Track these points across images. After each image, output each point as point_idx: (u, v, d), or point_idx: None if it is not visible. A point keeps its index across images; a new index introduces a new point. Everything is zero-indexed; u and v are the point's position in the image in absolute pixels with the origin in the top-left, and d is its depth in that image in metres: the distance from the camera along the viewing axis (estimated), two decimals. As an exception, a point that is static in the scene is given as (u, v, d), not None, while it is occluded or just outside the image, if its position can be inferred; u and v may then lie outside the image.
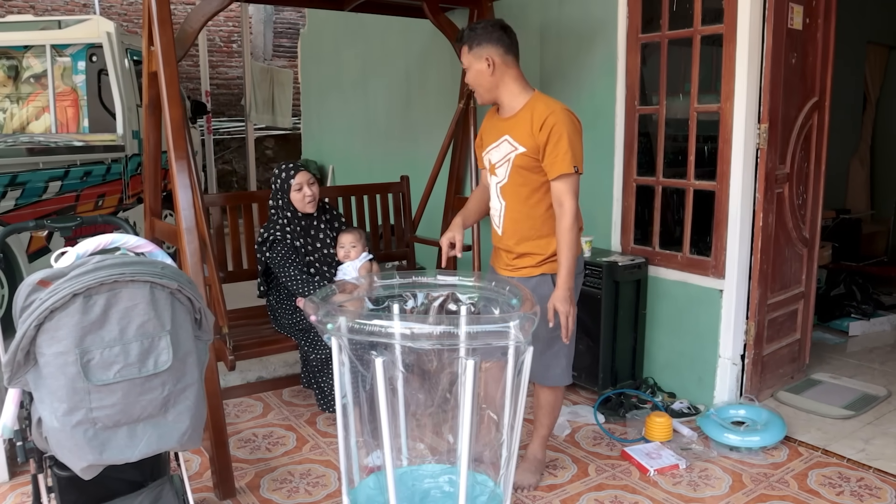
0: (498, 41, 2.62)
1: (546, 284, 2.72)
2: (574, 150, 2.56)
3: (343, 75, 6.99)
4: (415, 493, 2.60)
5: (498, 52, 2.62)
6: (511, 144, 2.67)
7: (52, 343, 1.79)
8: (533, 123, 2.59)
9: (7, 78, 6.18)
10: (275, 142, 11.40)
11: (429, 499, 2.59)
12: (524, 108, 2.64)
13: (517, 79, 2.68)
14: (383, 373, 2.05)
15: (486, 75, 2.64)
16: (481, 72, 2.64)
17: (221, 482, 2.85)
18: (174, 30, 3.02)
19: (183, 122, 2.95)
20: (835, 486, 2.94)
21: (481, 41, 2.62)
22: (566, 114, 2.60)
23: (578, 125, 2.65)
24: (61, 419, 1.82)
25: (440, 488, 2.60)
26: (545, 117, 2.56)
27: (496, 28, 2.65)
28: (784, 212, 3.66)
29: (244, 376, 4.05)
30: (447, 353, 2.17)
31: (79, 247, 2.05)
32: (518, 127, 2.64)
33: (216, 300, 3.15)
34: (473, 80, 2.70)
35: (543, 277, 2.74)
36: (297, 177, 3.44)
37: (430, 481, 2.65)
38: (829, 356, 4.41)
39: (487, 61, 2.62)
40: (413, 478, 2.66)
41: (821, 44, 3.74)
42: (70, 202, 5.34)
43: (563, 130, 2.55)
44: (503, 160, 2.71)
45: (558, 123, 2.54)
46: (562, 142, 2.55)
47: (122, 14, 10.60)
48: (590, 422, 3.54)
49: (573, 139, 2.57)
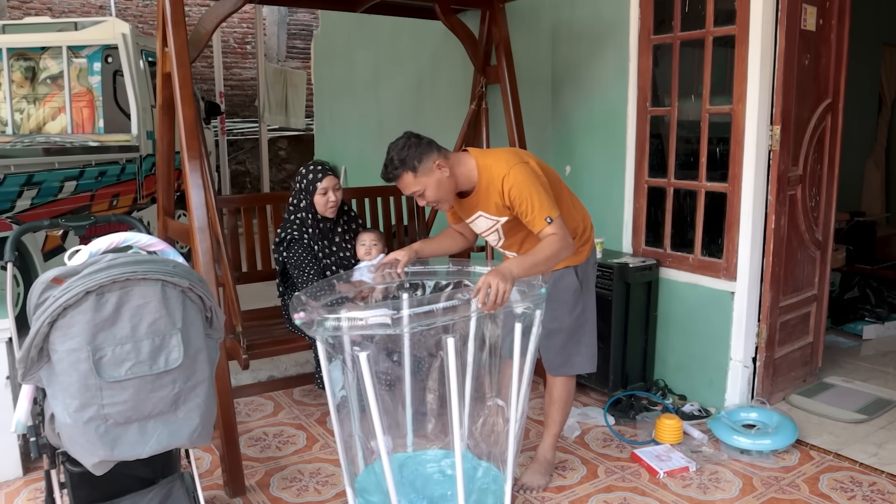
0: (426, 147, 2.54)
1: (569, 276, 2.80)
2: (540, 202, 2.49)
3: (356, 76, 7.01)
4: (417, 477, 2.64)
5: (432, 155, 2.54)
6: (489, 219, 2.67)
7: (65, 340, 1.82)
8: (498, 195, 2.55)
9: (24, 79, 6.24)
10: (288, 143, 11.45)
11: (431, 482, 2.63)
12: (480, 179, 2.59)
13: (455, 161, 2.61)
14: (369, 366, 2.11)
15: (446, 179, 2.56)
16: (440, 180, 2.55)
17: (231, 480, 2.87)
18: (188, 31, 3.04)
19: (196, 123, 2.97)
20: (847, 490, 2.92)
21: (418, 158, 2.52)
22: (515, 169, 2.52)
23: (531, 167, 2.57)
24: (73, 415, 1.84)
25: (442, 472, 2.64)
26: (503, 188, 2.52)
27: (413, 141, 2.55)
28: (797, 214, 3.64)
29: (255, 375, 4.07)
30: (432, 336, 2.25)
31: (92, 245, 2.07)
32: (485, 201, 2.62)
33: (230, 300, 3.17)
34: (438, 194, 2.58)
35: (567, 270, 2.80)
36: (324, 181, 3.38)
37: (432, 465, 2.69)
38: (842, 360, 4.38)
39: (438, 169, 2.55)
40: (416, 462, 2.71)
41: (834, 45, 3.72)
42: (85, 202, 5.39)
43: (521, 190, 2.49)
44: (490, 230, 2.74)
45: (514, 186, 2.50)
46: (525, 202, 2.50)
47: (136, 16, 10.68)
48: (600, 423, 3.54)
49: (532, 191, 2.49)
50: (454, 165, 2.59)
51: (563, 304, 2.83)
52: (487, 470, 2.63)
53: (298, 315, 2.20)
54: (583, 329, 2.90)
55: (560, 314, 2.84)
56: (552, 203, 2.53)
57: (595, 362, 2.96)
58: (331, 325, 2.14)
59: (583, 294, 2.86)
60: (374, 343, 2.27)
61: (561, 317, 2.84)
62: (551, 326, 2.82)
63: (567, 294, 2.83)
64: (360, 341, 2.22)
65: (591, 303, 2.93)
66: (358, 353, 2.13)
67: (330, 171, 3.46)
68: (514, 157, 2.60)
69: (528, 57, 4.47)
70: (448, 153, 2.61)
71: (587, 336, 2.92)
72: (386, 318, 2.08)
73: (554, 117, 4.45)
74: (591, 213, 3.42)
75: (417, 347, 2.57)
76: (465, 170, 2.61)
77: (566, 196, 2.80)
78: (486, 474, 2.62)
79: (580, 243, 2.80)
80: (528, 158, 2.65)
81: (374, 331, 2.12)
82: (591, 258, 2.91)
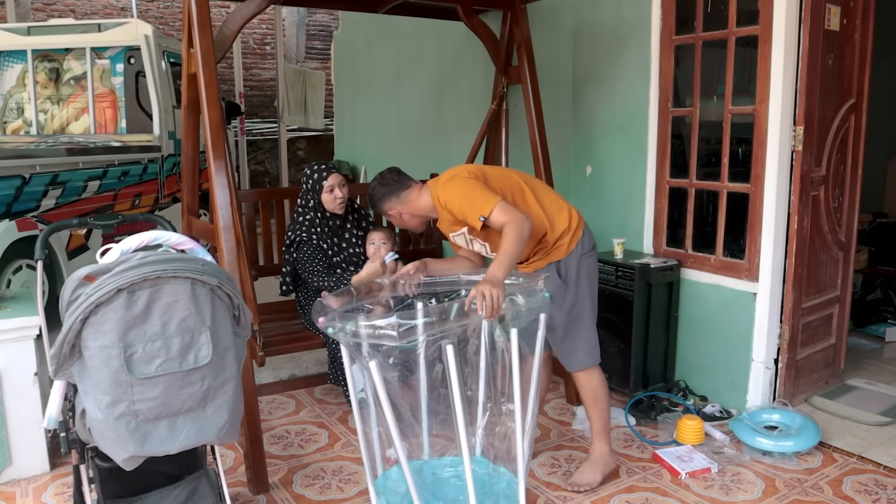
0: (386, 196, 2.88)
1: (551, 272, 2.85)
2: (469, 205, 2.67)
3: (376, 76, 7.04)
4: (433, 483, 2.66)
5: (392, 201, 2.88)
6: (458, 234, 2.90)
7: (96, 337, 1.85)
8: (445, 212, 2.81)
9: (48, 80, 6.32)
10: (307, 143, 11.51)
11: (447, 486, 2.65)
12: (437, 206, 2.84)
13: (418, 195, 2.88)
14: (379, 374, 2.15)
15: (405, 220, 2.93)
16: (401, 221, 2.95)
17: (255, 477, 2.90)
18: (213, 32, 3.07)
19: (221, 123, 3.00)
20: (871, 493, 2.91)
21: (379, 204, 2.90)
22: (445, 186, 2.78)
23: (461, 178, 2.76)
24: (104, 411, 1.87)
25: (458, 476, 2.66)
26: (441, 205, 2.79)
27: (378, 186, 2.90)
28: (819, 215, 3.62)
29: (277, 374, 4.10)
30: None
31: (123, 243, 2.10)
32: (444, 221, 2.89)
33: (248, 298, 3.19)
34: (401, 227, 3.02)
35: (549, 266, 2.87)
36: (329, 178, 3.48)
37: (449, 470, 2.71)
38: (865, 362, 4.34)
39: (395, 213, 2.90)
40: (433, 468, 2.72)
41: (858, 45, 3.69)
42: (108, 201, 5.45)
43: (451, 201, 2.74)
44: (469, 243, 2.93)
45: (447, 201, 2.75)
46: (458, 211, 2.72)
47: (158, 17, 10.78)
48: (621, 424, 3.53)
49: (460, 198, 2.70)
50: (413, 202, 2.88)
51: (553, 302, 2.83)
52: (502, 474, 2.64)
53: (320, 321, 2.26)
54: (577, 324, 2.90)
55: (553, 311, 2.84)
56: (485, 199, 2.64)
57: (596, 355, 2.95)
58: (349, 330, 2.20)
59: (570, 288, 2.86)
60: (382, 351, 2.29)
61: (554, 314, 2.84)
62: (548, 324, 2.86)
63: (553, 291, 2.80)
64: (374, 348, 2.25)
65: (583, 297, 2.90)
66: (368, 361, 2.18)
67: (333, 168, 3.55)
68: (447, 174, 2.85)
69: (549, 57, 4.47)
70: (408, 193, 2.88)
71: (583, 330, 2.91)
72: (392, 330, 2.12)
73: (575, 118, 4.45)
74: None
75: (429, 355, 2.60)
76: (424, 202, 2.88)
77: (528, 194, 2.84)
78: (500, 479, 2.63)
79: (556, 237, 2.83)
80: (462, 170, 2.84)
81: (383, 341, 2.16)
82: (578, 250, 2.87)
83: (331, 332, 2.24)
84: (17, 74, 6.34)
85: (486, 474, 2.65)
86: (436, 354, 2.41)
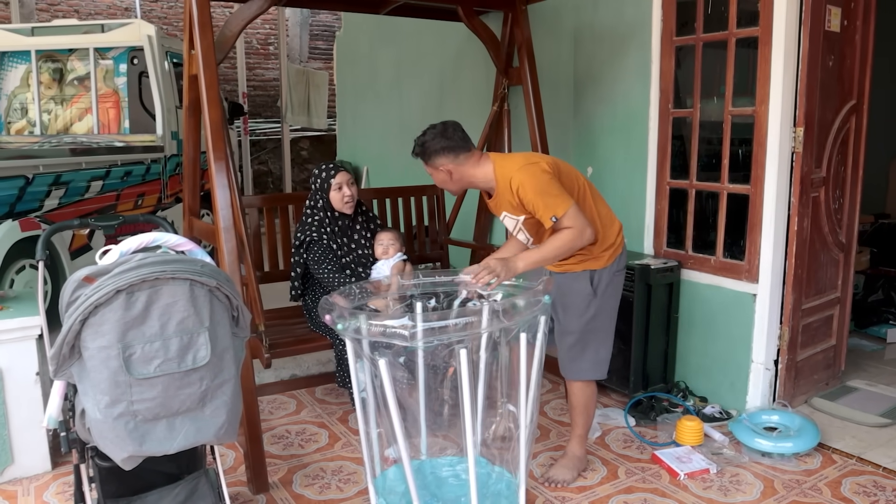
0: (444, 151, 2.73)
1: (583, 280, 2.83)
2: (545, 200, 2.60)
3: (378, 77, 7.05)
4: (433, 482, 2.67)
5: (449, 158, 2.73)
6: (512, 218, 2.80)
7: (96, 337, 1.86)
8: (511, 194, 2.69)
9: (52, 80, 6.35)
10: (310, 143, 11.53)
11: (446, 486, 2.66)
12: (497, 182, 2.74)
13: (476, 163, 2.77)
14: (388, 372, 2.15)
15: (450, 181, 2.80)
16: (444, 180, 2.81)
17: (255, 477, 2.91)
18: (214, 33, 3.08)
19: (222, 124, 3.01)
20: (870, 494, 2.91)
21: (431, 156, 2.75)
22: (523, 170, 2.66)
23: (540, 168, 2.67)
24: (104, 411, 1.88)
25: (457, 476, 2.68)
26: (512, 188, 2.67)
27: (438, 136, 2.74)
28: (820, 216, 3.62)
29: (278, 374, 4.12)
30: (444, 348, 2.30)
31: (122, 245, 2.12)
32: (504, 202, 2.76)
33: (253, 299, 3.21)
34: (440, 185, 2.87)
35: (583, 273, 2.84)
36: (337, 176, 3.49)
37: (448, 470, 2.73)
38: (866, 363, 4.34)
39: (444, 171, 2.76)
40: (432, 467, 2.74)
41: (859, 46, 3.69)
42: (111, 201, 5.47)
43: (527, 189, 2.63)
44: (516, 230, 2.85)
45: (521, 186, 2.64)
46: (532, 200, 2.63)
47: (161, 18, 10.80)
48: (620, 424, 3.54)
49: (538, 189, 2.61)
50: (463, 173, 2.76)
51: (573, 307, 2.86)
52: (500, 475, 2.65)
53: (326, 318, 2.26)
54: (593, 335, 2.89)
55: (570, 316, 2.87)
56: (561, 200, 2.60)
57: (602, 371, 2.95)
58: (354, 327, 2.21)
59: (596, 299, 2.85)
60: (393, 351, 2.30)
61: (571, 319, 2.87)
62: (561, 327, 2.87)
63: (578, 298, 2.84)
64: (380, 346, 2.26)
65: (606, 310, 2.90)
66: (378, 358, 2.18)
67: (341, 167, 3.56)
68: (524, 159, 2.75)
69: (550, 58, 4.47)
70: (467, 157, 2.75)
71: (596, 343, 2.90)
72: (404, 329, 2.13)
73: (576, 119, 4.46)
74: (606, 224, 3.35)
75: (432, 357, 2.60)
76: (482, 173, 2.77)
77: (589, 200, 2.82)
78: (499, 479, 2.65)
79: (602, 248, 2.82)
80: (540, 160, 2.75)
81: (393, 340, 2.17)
82: (615, 266, 2.88)
83: (339, 329, 2.25)
84: (20, 75, 6.37)
85: (486, 475, 2.67)
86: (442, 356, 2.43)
